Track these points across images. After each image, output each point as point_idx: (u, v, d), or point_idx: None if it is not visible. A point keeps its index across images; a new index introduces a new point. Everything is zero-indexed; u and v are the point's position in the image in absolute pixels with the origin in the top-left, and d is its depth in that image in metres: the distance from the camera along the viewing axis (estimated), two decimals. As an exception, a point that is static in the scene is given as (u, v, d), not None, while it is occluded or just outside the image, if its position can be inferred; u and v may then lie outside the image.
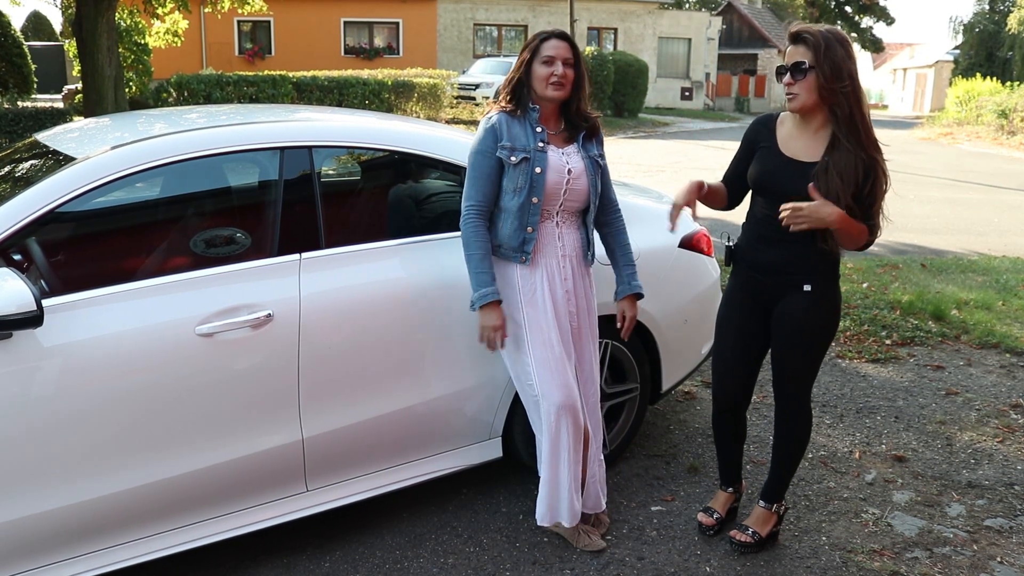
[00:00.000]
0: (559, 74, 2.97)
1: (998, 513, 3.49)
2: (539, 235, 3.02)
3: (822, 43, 2.70)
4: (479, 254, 2.97)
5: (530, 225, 3.00)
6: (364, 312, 3.01)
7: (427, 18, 32.59)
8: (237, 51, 31.73)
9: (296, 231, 2.96)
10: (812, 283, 2.89)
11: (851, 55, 2.74)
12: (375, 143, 3.36)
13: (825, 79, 2.71)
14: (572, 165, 3.03)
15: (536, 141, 2.99)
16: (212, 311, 2.73)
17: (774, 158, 2.90)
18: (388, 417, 3.10)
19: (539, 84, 3.00)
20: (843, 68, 2.71)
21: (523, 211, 2.98)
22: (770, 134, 2.94)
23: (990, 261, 8.35)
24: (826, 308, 2.95)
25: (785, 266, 2.91)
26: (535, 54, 3.00)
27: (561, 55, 2.98)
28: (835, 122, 2.78)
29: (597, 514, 3.27)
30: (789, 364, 3.00)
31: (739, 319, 3.06)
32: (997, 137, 25.57)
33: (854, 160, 2.73)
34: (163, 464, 2.70)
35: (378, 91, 20.13)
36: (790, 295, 2.92)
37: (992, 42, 47.10)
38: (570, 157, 3.05)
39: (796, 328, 2.94)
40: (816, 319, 2.94)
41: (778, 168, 2.88)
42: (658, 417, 4.36)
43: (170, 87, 17.51)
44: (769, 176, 2.90)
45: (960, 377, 5.06)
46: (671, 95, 36.15)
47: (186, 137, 2.91)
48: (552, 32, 3.05)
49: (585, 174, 3.05)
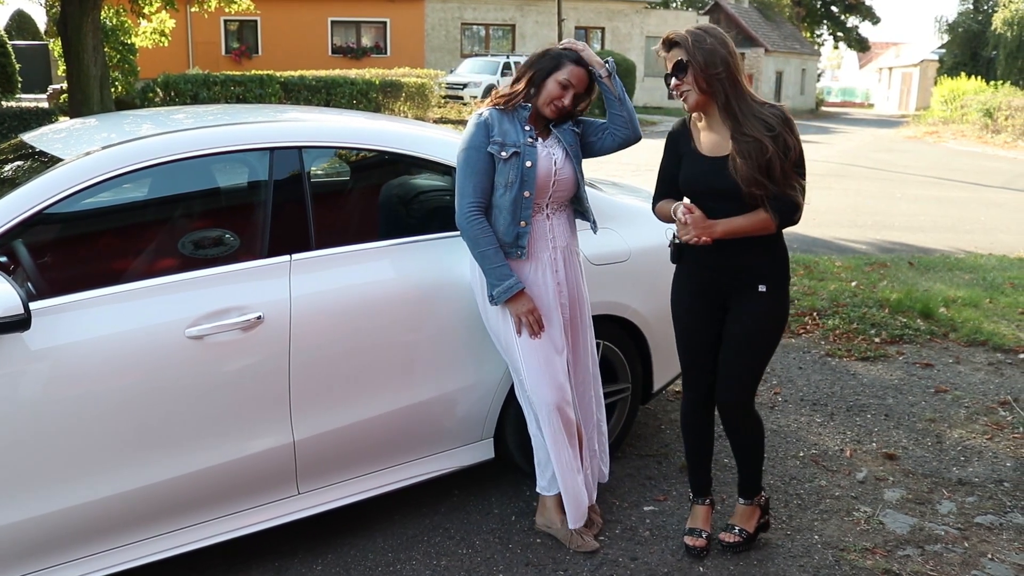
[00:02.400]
0: (566, 103, 3.01)
1: (988, 510, 3.51)
2: (532, 228, 3.02)
3: (690, 38, 2.79)
4: (491, 249, 2.96)
5: (523, 219, 3.00)
6: (355, 314, 2.99)
7: (415, 17, 32.54)
8: (224, 51, 31.60)
9: (286, 232, 2.95)
10: (767, 284, 2.89)
11: (724, 42, 2.80)
12: (365, 143, 3.35)
13: (701, 69, 2.77)
14: (556, 156, 3.06)
15: (526, 136, 3.01)
16: (202, 313, 2.70)
17: (697, 160, 2.92)
18: (380, 419, 3.09)
19: (542, 98, 3.02)
20: (716, 55, 2.77)
21: (516, 206, 2.98)
22: (688, 139, 2.97)
23: (977, 259, 8.39)
24: (778, 312, 2.95)
25: (737, 265, 2.90)
26: (557, 69, 3.01)
27: (579, 87, 3.03)
28: (723, 111, 2.82)
29: (591, 515, 3.26)
30: (738, 365, 2.96)
31: (695, 313, 3.02)
32: (982, 135, 25.73)
33: (750, 143, 2.75)
34: (153, 468, 2.68)
35: (366, 91, 20.10)
36: (745, 296, 2.91)
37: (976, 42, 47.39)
38: (552, 149, 3.07)
39: (748, 330, 2.92)
40: (767, 322, 2.93)
41: (700, 169, 2.90)
42: (649, 417, 4.35)
43: (157, 87, 17.43)
44: (695, 179, 2.92)
45: (949, 375, 5.08)
46: (658, 94, 36.14)
47: (175, 138, 2.89)
48: (578, 58, 3.03)
49: (568, 162, 3.08)
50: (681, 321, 3.09)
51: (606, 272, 3.53)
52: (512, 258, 3.01)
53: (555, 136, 3.09)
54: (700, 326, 3.03)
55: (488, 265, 2.96)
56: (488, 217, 3.00)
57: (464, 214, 2.96)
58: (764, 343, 2.97)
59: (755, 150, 2.74)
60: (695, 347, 3.06)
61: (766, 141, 2.74)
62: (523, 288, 2.99)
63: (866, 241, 9.10)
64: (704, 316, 3.02)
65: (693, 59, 2.78)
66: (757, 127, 2.76)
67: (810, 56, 49.73)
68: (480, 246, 2.96)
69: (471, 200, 2.97)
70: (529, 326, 2.99)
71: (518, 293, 2.97)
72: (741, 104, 2.79)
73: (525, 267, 3.05)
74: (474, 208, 2.96)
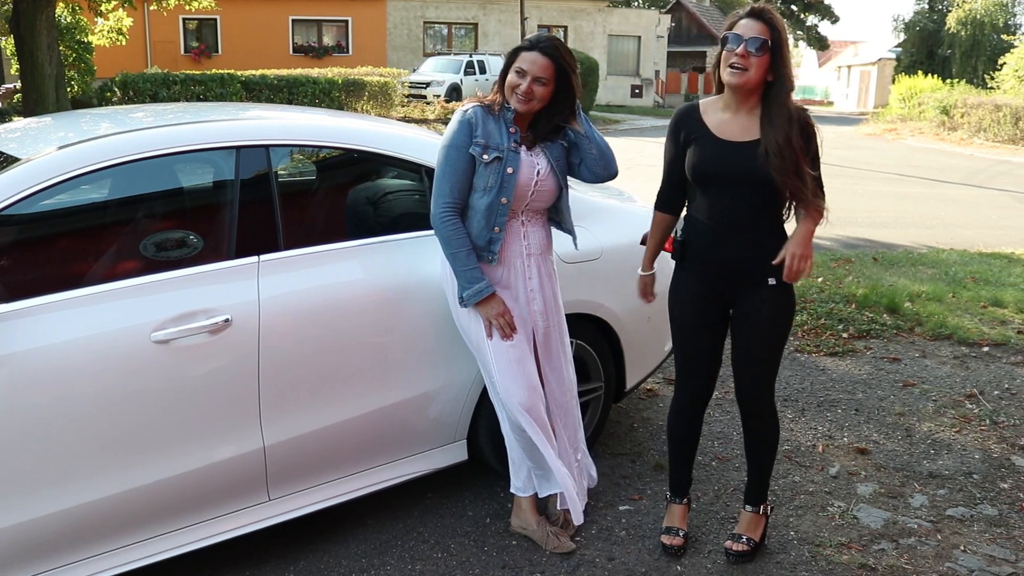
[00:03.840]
0: (524, 90, 2.90)
1: (959, 502, 3.53)
2: (506, 234, 2.97)
3: (780, 27, 2.73)
4: (463, 251, 2.91)
5: (497, 225, 2.95)
6: (325, 315, 2.93)
7: (376, 16, 32.34)
8: (183, 50, 31.15)
9: (254, 233, 2.88)
10: (776, 276, 2.82)
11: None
12: (334, 142, 3.29)
13: (777, 61, 2.72)
14: (540, 167, 3.00)
15: (510, 141, 2.94)
16: (168, 317, 2.63)
17: (712, 145, 2.82)
18: (351, 422, 3.03)
19: (507, 91, 2.95)
20: (787, 52, 2.76)
21: (491, 211, 2.93)
22: (698, 124, 2.86)
23: (939, 254, 8.50)
24: (787, 302, 2.92)
25: (746, 261, 2.86)
26: (513, 59, 2.95)
27: (534, 71, 2.89)
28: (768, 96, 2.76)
29: (565, 515, 3.23)
30: (756, 363, 2.94)
31: (697, 314, 2.97)
32: (939, 133, 26.13)
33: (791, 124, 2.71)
34: (118, 477, 2.60)
35: (328, 90, 19.91)
36: (753, 291, 2.85)
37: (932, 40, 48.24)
38: (538, 159, 3.01)
39: (763, 325, 2.88)
40: (781, 314, 2.90)
41: (718, 154, 2.81)
42: (622, 415, 4.34)
43: (115, 86, 17.12)
44: (710, 164, 2.82)
45: (916, 369, 5.13)
46: (621, 92, 36.36)
47: (138, 136, 2.81)
48: (535, 43, 2.94)
49: (552, 175, 3.02)
50: (681, 320, 3.02)
51: (578, 270, 3.50)
52: (484, 262, 2.97)
53: (542, 147, 3.03)
54: (700, 326, 2.98)
55: (459, 267, 2.92)
56: (463, 217, 2.96)
57: (438, 214, 2.91)
58: (779, 335, 2.93)
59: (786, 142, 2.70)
60: (694, 347, 3.02)
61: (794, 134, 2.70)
62: (494, 291, 2.95)
63: (830, 237, 9.18)
64: (705, 316, 2.97)
65: (777, 48, 2.71)
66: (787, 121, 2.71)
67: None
68: (452, 247, 2.91)
69: (447, 200, 2.91)
70: (500, 329, 2.95)
71: (489, 296, 2.93)
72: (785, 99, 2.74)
73: (497, 271, 3.01)
74: (449, 208, 2.91)
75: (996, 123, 24.28)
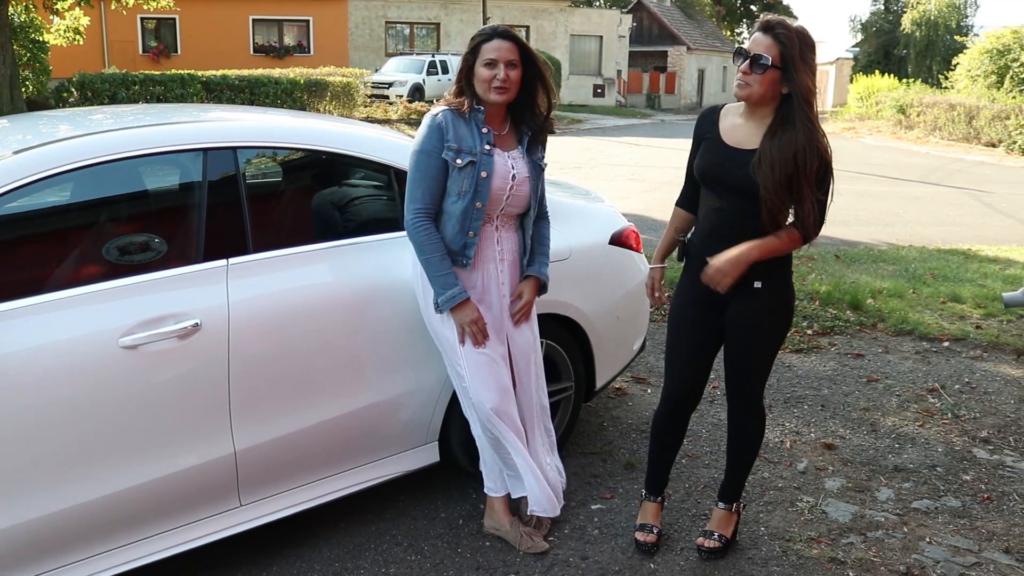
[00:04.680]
0: (501, 78, 2.87)
1: (924, 495, 3.60)
2: (480, 239, 2.96)
3: (795, 48, 2.64)
4: (437, 256, 2.89)
5: (472, 230, 2.93)
6: (295, 318, 2.90)
7: (338, 16, 32.14)
8: (141, 49, 30.74)
9: (222, 236, 2.84)
10: (763, 280, 2.84)
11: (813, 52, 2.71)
12: (303, 143, 3.26)
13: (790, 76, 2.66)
14: (517, 171, 2.97)
15: (483, 143, 2.91)
16: (136, 322, 2.59)
17: (717, 148, 2.85)
18: (323, 426, 3.01)
19: (481, 87, 2.90)
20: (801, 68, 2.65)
21: (466, 216, 2.91)
22: (713, 125, 2.89)
23: (899, 251, 8.65)
24: (779, 306, 2.92)
25: None
26: (476, 56, 2.90)
27: (504, 56, 2.87)
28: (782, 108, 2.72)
29: (538, 515, 3.23)
30: (743, 364, 2.96)
31: (692, 316, 2.97)
32: (896, 131, 26.61)
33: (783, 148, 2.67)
34: (88, 485, 2.55)
35: (291, 90, 19.77)
36: (743, 294, 2.84)
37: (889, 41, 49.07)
38: (516, 161, 2.98)
39: (749, 327, 2.90)
40: (768, 317, 2.91)
41: (719, 158, 2.83)
42: (592, 415, 4.35)
43: (72, 87, 16.84)
44: (710, 167, 2.85)
45: (879, 364, 5.21)
46: (583, 92, 36.48)
47: (101, 139, 2.76)
48: (494, 31, 2.92)
49: (528, 180, 2.99)
50: (678, 319, 3.02)
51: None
52: (459, 266, 2.95)
53: (523, 150, 3.00)
54: (695, 326, 2.98)
55: (433, 272, 2.90)
56: (437, 222, 2.94)
57: (411, 220, 2.89)
58: (769, 337, 2.94)
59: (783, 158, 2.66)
60: (686, 346, 3.01)
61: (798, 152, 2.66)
62: (468, 298, 2.93)
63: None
64: (700, 316, 2.96)
65: (788, 63, 2.64)
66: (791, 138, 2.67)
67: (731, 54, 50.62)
68: (426, 252, 2.89)
69: (419, 206, 2.89)
70: (473, 336, 2.94)
71: (463, 302, 2.91)
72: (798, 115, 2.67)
73: (472, 276, 2.99)
74: (421, 214, 2.89)
75: (951, 122, 24.78)
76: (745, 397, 3.02)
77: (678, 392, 3.05)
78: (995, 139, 23.02)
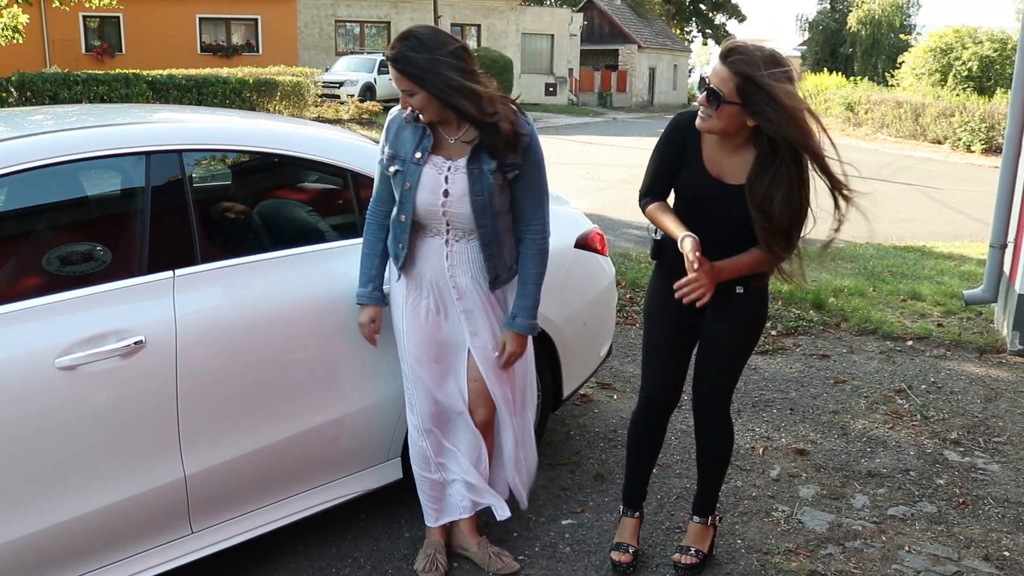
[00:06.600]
0: (403, 105, 2.69)
1: (899, 501, 3.53)
2: (419, 251, 2.77)
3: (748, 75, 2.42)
4: (368, 253, 2.87)
5: (400, 241, 2.77)
6: (247, 333, 2.72)
7: (287, 15, 31.63)
8: (84, 48, 29.93)
9: (168, 245, 2.66)
10: (744, 285, 2.75)
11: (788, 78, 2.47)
12: (253, 146, 3.07)
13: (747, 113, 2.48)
14: (451, 185, 2.66)
15: (415, 151, 2.69)
16: (74, 340, 2.39)
17: (702, 180, 2.68)
18: (278, 446, 2.83)
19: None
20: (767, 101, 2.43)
21: (395, 226, 2.78)
22: (696, 147, 2.70)
23: (855, 248, 8.68)
24: (756, 311, 2.84)
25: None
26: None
27: (400, 86, 2.59)
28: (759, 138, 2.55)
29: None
30: (717, 369, 2.85)
31: (669, 316, 2.85)
32: (845, 128, 26.95)
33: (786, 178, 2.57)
34: (25, 517, 2.35)
35: (239, 90, 19.35)
36: (723, 298, 2.70)
37: (835, 39, 49.76)
38: (454, 174, 2.67)
39: (726, 333, 2.80)
40: (747, 324, 2.83)
41: (706, 192, 2.68)
42: (558, 424, 4.22)
43: (11, 86, 16.26)
44: (698, 200, 2.71)
45: (845, 365, 5.16)
46: (535, 91, 36.42)
47: (35, 141, 2.55)
48: (388, 58, 2.57)
49: (468, 195, 2.65)
50: (653, 321, 2.90)
51: (514, 277, 3.36)
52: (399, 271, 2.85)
53: (471, 169, 2.66)
54: (671, 329, 2.87)
55: (360, 267, 2.88)
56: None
57: (367, 212, 2.89)
58: (743, 345, 2.84)
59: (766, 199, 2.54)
60: (662, 349, 2.89)
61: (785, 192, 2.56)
62: (369, 303, 2.85)
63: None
64: (677, 319, 2.84)
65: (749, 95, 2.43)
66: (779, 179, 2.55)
67: (681, 52, 51.13)
68: (363, 248, 2.88)
69: (371, 204, 2.88)
70: (364, 336, 2.90)
71: (364, 304, 2.86)
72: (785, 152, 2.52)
73: (400, 286, 2.85)
74: (370, 212, 2.88)
75: (898, 119, 25.19)
76: (713, 408, 2.92)
77: (660, 392, 2.91)
78: (941, 136, 23.44)
